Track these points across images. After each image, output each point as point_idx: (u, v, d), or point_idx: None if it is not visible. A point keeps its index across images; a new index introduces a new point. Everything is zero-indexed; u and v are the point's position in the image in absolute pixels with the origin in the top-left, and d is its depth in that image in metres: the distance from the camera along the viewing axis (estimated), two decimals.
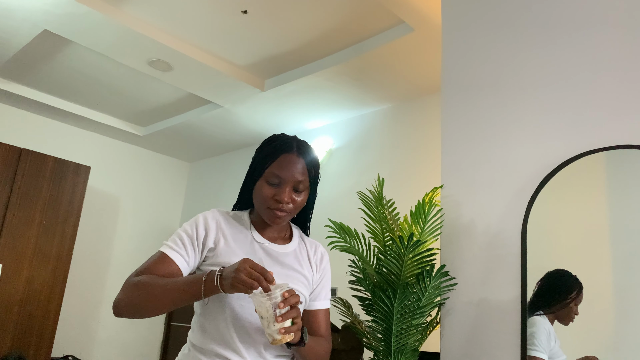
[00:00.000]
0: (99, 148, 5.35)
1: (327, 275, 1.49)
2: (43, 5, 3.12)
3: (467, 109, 2.22)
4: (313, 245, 1.49)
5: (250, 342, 1.28)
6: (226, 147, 5.41)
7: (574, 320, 1.71)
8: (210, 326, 1.30)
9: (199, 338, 1.31)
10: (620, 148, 1.73)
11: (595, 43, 1.91)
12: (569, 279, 1.73)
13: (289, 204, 1.34)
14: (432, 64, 3.41)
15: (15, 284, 3.87)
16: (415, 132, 3.89)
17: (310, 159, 1.39)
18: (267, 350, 1.29)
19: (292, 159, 1.35)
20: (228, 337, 1.27)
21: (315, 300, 1.43)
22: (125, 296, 1.24)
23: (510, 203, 1.97)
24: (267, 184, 1.34)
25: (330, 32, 3.35)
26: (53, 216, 4.15)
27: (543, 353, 1.73)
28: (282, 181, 1.34)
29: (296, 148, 1.37)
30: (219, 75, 3.85)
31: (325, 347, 1.40)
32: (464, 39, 2.33)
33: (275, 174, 1.34)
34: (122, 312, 1.25)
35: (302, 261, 1.42)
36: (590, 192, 1.78)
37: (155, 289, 1.22)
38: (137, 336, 5.33)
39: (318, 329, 1.41)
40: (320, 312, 1.43)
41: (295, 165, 1.35)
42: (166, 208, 5.78)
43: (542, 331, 1.75)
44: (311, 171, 1.38)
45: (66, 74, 4.24)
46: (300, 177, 1.35)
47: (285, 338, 1.17)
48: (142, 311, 1.25)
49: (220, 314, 1.29)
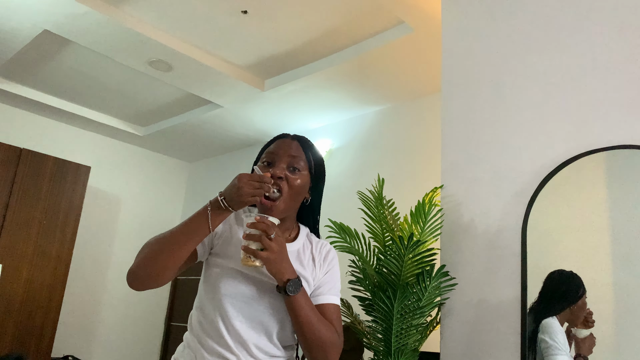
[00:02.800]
0: (99, 148, 5.35)
1: (334, 271, 1.44)
2: (43, 5, 3.12)
3: (467, 109, 2.22)
4: (319, 245, 1.46)
5: (239, 339, 1.27)
6: (226, 147, 5.41)
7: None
8: (205, 321, 1.31)
9: (196, 332, 1.32)
10: (620, 148, 1.73)
11: (595, 43, 1.91)
12: (574, 280, 1.72)
13: (283, 179, 1.32)
14: (432, 64, 3.41)
15: (15, 284, 3.86)
16: (415, 132, 3.89)
17: (307, 145, 1.42)
18: (257, 349, 1.29)
19: (286, 141, 1.40)
20: (220, 332, 1.28)
21: (321, 295, 1.38)
22: (137, 259, 1.26)
23: (510, 203, 1.97)
24: (262, 165, 1.37)
25: (330, 32, 3.35)
26: (53, 216, 4.15)
27: (567, 356, 1.69)
28: (275, 157, 1.36)
29: (292, 135, 1.43)
30: (219, 76, 3.85)
31: (330, 334, 1.31)
32: (464, 39, 2.33)
33: (269, 153, 1.38)
34: (136, 275, 1.25)
35: (304, 261, 1.40)
36: (590, 192, 1.78)
37: (163, 238, 1.25)
38: (137, 336, 5.33)
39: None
40: (326, 307, 1.37)
41: (290, 145, 1.38)
42: (166, 208, 5.78)
43: (558, 331, 1.72)
44: (308, 155, 1.39)
45: (66, 74, 4.24)
46: (295, 153, 1.36)
47: (249, 260, 1.21)
48: (155, 265, 1.24)
49: (213, 310, 1.30)
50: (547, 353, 1.73)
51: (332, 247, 1.50)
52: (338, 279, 1.45)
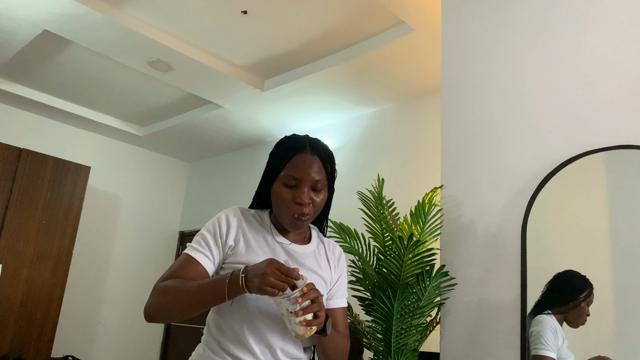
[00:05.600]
0: (99, 148, 5.35)
1: (344, 274, 1.48)
2: (43, 6, 3.12)
3: (467, 109, 2.22)
4: (331, 245, 1.48)
5: (265, 344, 1.27)
6: (226, 147, 5.41)
7: (585, 323, 1.68)
8: (225, 325, 1.30)
9: (215, 336, 1.31)
10: (620, 148, 1.73)
11: (595, 43, 1.91)
12: (579, 279, 1.72)
13: (309, 204, 1.31)
14: (432, 64, 3.41)
15: (15, 284, 3.86)
16: (415, 132, 3.89)
17: (325, 156, 1.36)
18: (283, 353, 1.28)
19: (307, 158, 1.33)
20: (243, 338, 1.27)
21: (332, 298, 1.43)
22: (155, 302, 1.26)
23: (510, 203, 1.97)
24: (285, 186, 1.32)
25: (330, 32, 3.35)
26: (53, 216, 4.15)
27: (551, 351, 1.71)
28: (299, 182, 1.31)
29: (309, 146, 1.35)
30: (218, 76, 3.85)
31: (344, 343, 1.40)
32: (464, 39, 2.33)
33: (291, 176, 1.31)
34: (153, 317, 1.27)
35: (321, 262, 1.41)
36: (590, 192, 1.78)
37: (181, 294, 1.23)
38: (137, 336, 5.33)
39: (336, 327, 1.41)
40: (337, 311, 1.42)
41: (311, 164, 1.32)
42: (166, 208, 5.78)
43: (548, 329, 1.74)
44: (327, 168, 1.36)
45: (66, 74, 4.24)
46: (318, 177, 1.32)
47: (307, 331, 1.17)
48: (171, 316, 1.27)
49: (235, 314, 1.29)
50: (533, 345, 1.75)
51: (340, 247, 1.52)
52: (346, 280, 1.50)
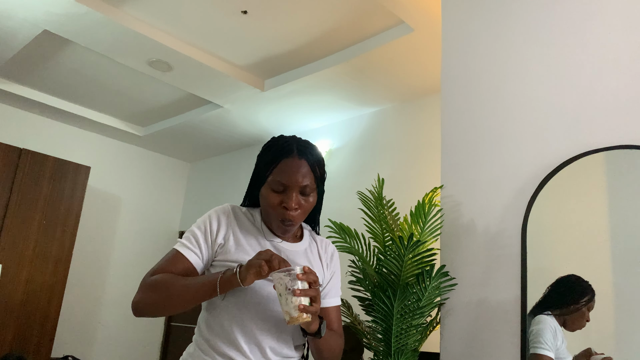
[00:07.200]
0: (99, 148, 5.35)
1: (337, 272, 1.48)
2: (43, 5, 3.12)
3: (467, 109, 2.22)
4: (324, 244, 1.47)
5: (255, 342, 1.27)
6: (226, 147, 5.41)
7: (582, 328, 1.68)
8: (215, 324, 1.30)
9: (205, 335, 1.31)
10: (620, 148, 1.73)
11: (595, 43, 1.91)
12: (582, 283, 1.72)
13: (297, 209, 1.30)
14: (432, 64, 3.41)
15: (15, 284, 3.87)
16: (415, 132, 3.89)
17: (314, 159, 1.34)
18: (272, 352, 1.28)
19: (294, 162, 1.30)
20: (232, 337, 1.27)
21: (325, 297, 1.41)
22: (144, 296, 1.26)
23: (510, 203, 1.97)
24: (272, 191, 1.31)
25: (330, 32, 3.35)
26: (53, 216, 4.15)
27: (549, 351, 1.72)
28: (287, 187, 1.30)
29: (296, 150, 1.32)
30: (218, 76, 3.85)
31: (338, 342, 1.39)
32: (464, 39, 2.33)
33: (278, 181, 1.30)
34: (142, 311, 1.27)
35: (313, 260, 1.41)
36: (590, 192, 1.78)
37: (172, 288, 1.24)
38: (137, 336, 5.33)
39: (330, 325, 1.40)
40: (331, 309, 1.42)
41: (298, 170, 1.29)
42: (166, 208, 5.78)
43: (547, 328, 1.74)
44: (316, 171, 1.33)
45: (66, 74, 4.24)
46: (306, 182, 1.30)
47: (301, 317, 1.13)
48: (160, 310, 1.27)
49: (226, 313, 1.29)
50: (532, 344, 1.75)
51: (333, 246, 1.52)
52: (340, 279, 1.49)
